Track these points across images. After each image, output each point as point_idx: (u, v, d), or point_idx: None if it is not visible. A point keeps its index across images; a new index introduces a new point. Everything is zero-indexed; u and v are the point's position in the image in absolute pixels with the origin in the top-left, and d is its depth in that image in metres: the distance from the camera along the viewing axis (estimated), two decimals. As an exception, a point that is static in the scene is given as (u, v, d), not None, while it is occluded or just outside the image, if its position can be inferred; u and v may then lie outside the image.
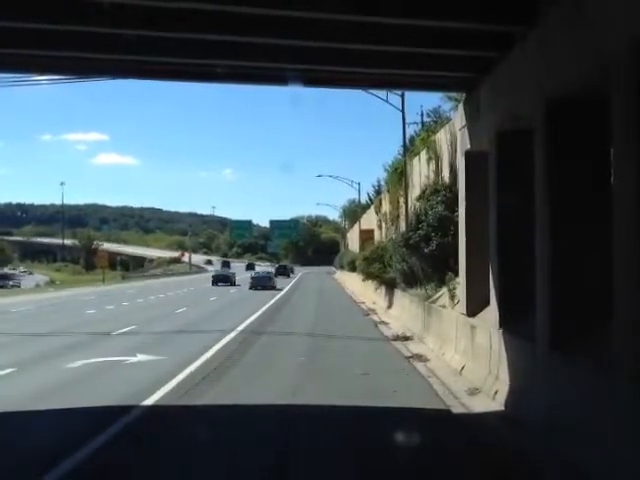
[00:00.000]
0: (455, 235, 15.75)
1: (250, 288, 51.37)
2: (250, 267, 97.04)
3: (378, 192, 55.23)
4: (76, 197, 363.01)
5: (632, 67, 6.38)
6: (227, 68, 11.86)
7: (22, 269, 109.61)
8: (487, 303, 12.12)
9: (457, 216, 15.33)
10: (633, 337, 6.42)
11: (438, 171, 22.48)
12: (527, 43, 9.42)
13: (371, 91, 25.60)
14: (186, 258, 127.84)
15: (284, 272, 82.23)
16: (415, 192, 26.15)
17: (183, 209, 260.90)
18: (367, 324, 24.68)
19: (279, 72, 12.36)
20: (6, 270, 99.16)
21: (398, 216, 32.67)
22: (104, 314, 30.34)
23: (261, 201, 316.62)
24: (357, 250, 53.71)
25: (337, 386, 12.60)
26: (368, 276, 34.96)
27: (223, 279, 62.17)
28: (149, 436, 9.28)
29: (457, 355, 13.78)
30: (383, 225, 41.41)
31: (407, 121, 37.08)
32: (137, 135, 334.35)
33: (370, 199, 62.53)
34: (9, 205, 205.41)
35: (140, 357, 15.99)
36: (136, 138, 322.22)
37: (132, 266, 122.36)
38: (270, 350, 17.72)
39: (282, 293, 46.78)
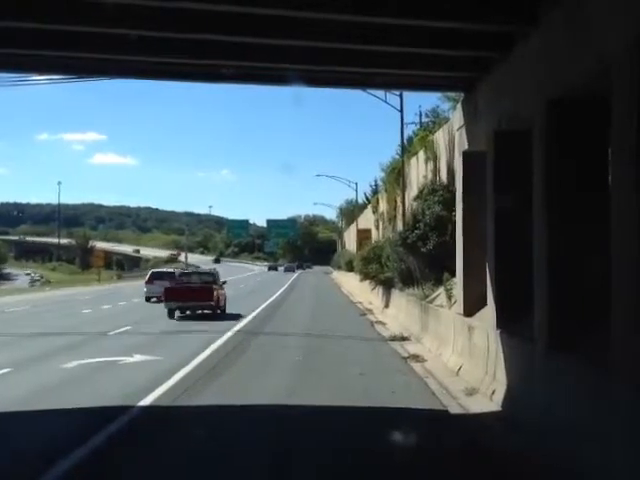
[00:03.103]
0: (452, 235, 15.77)
1: (285, 271, 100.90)
2: (216, 261, 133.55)
3: (375, 192, 55.26)
4: (73, 196, 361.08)
5: (633, 67, 6.39)
6: (229, 68, 11.87)
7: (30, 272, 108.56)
8: (484, 303, 12.14)
9: (454, 216, 15.34)
10: (632, 337, 6.43)
11: (436, 171, 22.51)
12: (527, 43, 9.42)
13: (370, 91, 25.60)
14: (182, 257, 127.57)
15: (302, 266, 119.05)
16: (413, 192, 26.18)
17: (180, 208, 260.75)
18: (364, 324, 24.69)
19: (280, 72, 12.36)
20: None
21: (395, 216, 32.70)
22: (100, 314, 30.29)
23: (258, 200, 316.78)
24: (354, 250, 53.72)
25: (334, 386, 12.58)
26: (365, 276, 34.97)
27: (274, 268, 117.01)
28: (145, 436, 9.23)
29: (454, 355, 13.79)
30: (380, 225, 41.44)
31: (405, 121, 37.21)
32: (134, 135, 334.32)
33: (367, 199, 62.54)
34: (5, 204, 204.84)
35: (137, 357, 15.96)
36: (133, 138, 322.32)
37: (128, 265, 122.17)
38: (266, 350, 17.70)
39: (278, 293, 46.74)
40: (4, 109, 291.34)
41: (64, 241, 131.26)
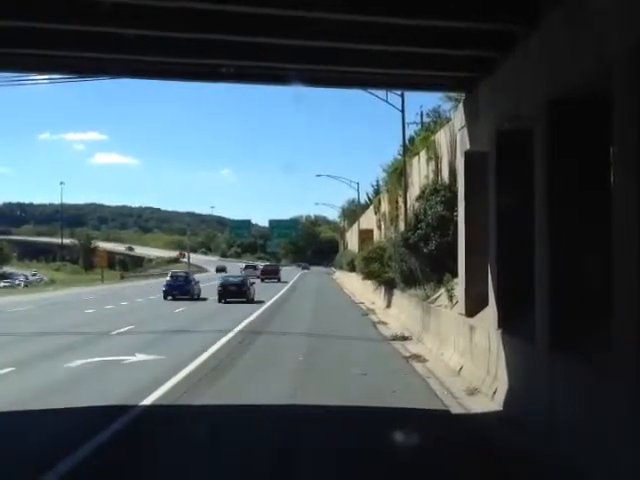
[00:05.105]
0: (454, 235, 15.74)
1: (302, 270, 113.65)
2: (186, 255, 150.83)
3: (377, 192, 55.26)
4: (75, 196, 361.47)
5: (634, 67, 6.38)
6: (229, 68, 11.86)
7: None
8: (486, 303, 12.12)
9: (456, 216, 15.33)
10: (633, 337, 6.41)
11: (438, 171, 22.49)
12: (528, 43, 9.41)
13: (371, 91, 25.60)
14: (185, 257, 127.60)
15: (325, 265, 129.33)
16: (414, 192, 26.16)
17: (182, 209, 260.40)
18: (366, 324, 24.70)
19: (280, 72, 12.35)
20: (5, 269, 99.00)
21: (397, 216, 32.68)
22: (103, 313, 30.35)
23: (260, 201, 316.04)
24: (356, 250, 53.73)
25: (336, 386, 12.59)
26: (367, 276, 34.97)
27: (298, 266, 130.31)
28: (148, 436, 9.26)
29: (456, 355, 13.78)
30: (382, 225, 41.43)
31: (407, 121, 37.16)
32: (136, 135, 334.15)
33: (369, 199, 62.58)
34: (8, 204, 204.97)
35: (139, 356, 15.98)
36: (135, 138, 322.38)
37: (131, 266, 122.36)
38: (268, 350, 17.72)
39: (281, 293, 46.77)
40: (5, 109, 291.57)
41: (67, 241, 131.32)
